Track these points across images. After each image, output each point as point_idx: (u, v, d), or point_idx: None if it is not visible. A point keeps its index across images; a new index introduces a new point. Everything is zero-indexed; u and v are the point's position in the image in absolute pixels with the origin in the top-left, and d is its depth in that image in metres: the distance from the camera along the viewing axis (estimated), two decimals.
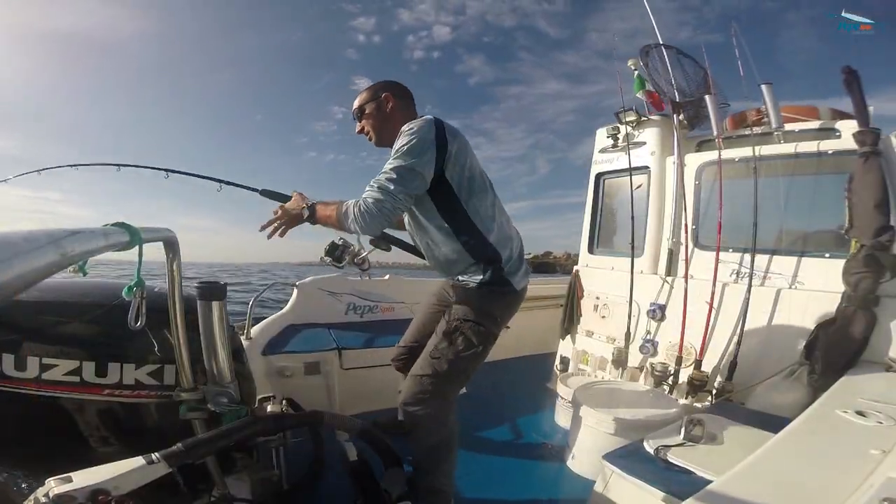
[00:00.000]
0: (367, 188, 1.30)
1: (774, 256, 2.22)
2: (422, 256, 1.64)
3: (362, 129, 1.52)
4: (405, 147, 1.27)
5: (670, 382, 2.22)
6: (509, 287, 1.45)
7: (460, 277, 1.48)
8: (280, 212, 1.46)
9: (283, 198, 1.63)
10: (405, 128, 1.32)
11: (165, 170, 1.85)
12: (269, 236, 1.46)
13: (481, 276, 1.42)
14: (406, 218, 1.52)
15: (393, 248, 1.80)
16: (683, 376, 2.20)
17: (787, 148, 2.21)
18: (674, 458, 1.29)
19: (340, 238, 1.57)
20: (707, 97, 2.43)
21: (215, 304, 1.11)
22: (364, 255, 1.60)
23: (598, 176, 3.05)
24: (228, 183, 1.77)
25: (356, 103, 1.50)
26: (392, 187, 1.25)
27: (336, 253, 1.57)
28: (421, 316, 1.80)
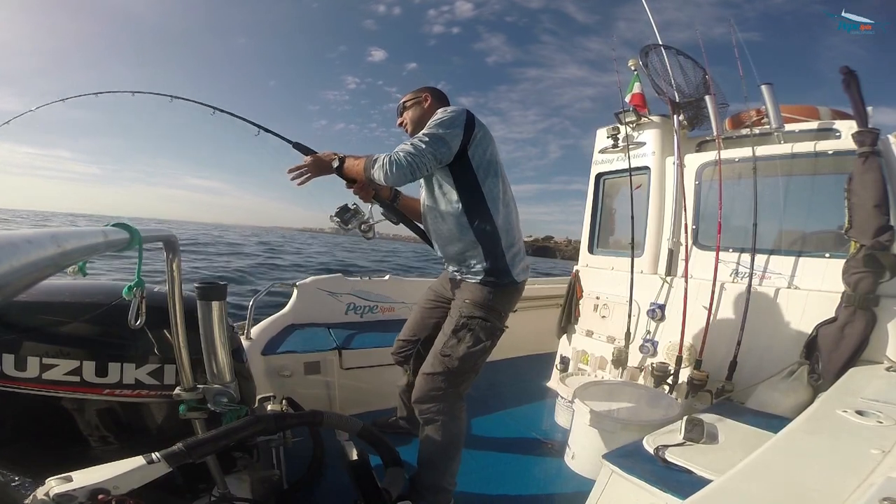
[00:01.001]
0: (400, 146, 1.41)
1: (774, 256, 2.22)
2: (426, 240, 1.70)
3: (402, 121, 1.69)
4: (438, 120, 1.43)
5: (670, 382, 2.22)
6: (510, 279, 1.50)
7: (463, 269, 1.52)
8: (310, 160, 1.54)
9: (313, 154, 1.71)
10: (440, 109, 1.50)
11: (213, 107, 1.93)
12: (292, 179, 1.55)
13: (483, 265, 1.47)
14: (422, 193, 1.60)
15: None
16: (683, 376, 2.20)
17: (787, 148, 2.21)
18: (674, 457, 1.29)
19: (353, 203, 1.64)
20: (707, 97, 2.43)
21: (215, 304, 1.11)
22: (372, 223, 1.66)
23: (599, 176, 3.05)
24: (267, 130, 1.83)
25: (401, 101, 1.70)
26: (423, 147, 1.37)
27: (346, 216, 1.63)
28: (418, 310, 1.84)
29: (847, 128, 2.04)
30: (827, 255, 2.08)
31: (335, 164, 1.52)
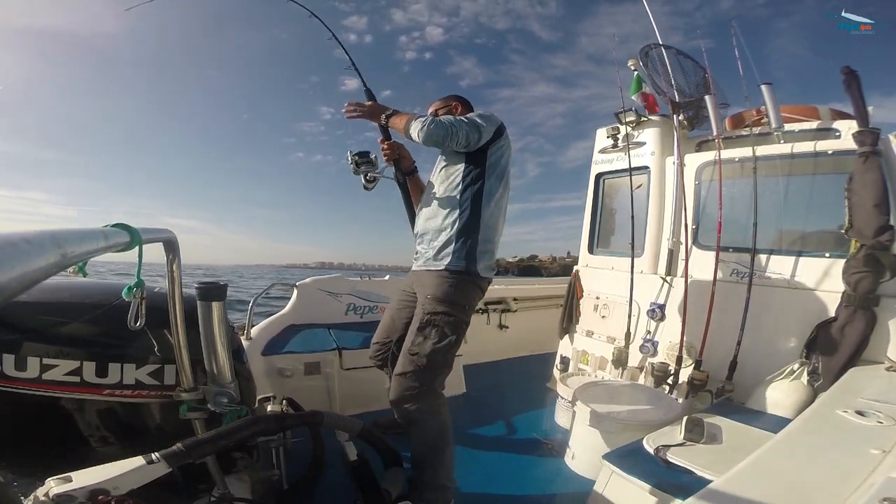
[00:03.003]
0: (442, 117, 1.60)
1: (774, 256, 2.22)
2: (410, 219, 1.82)
3: None
4: (479, 113, 1.61)
5: (670, 382, 2.22)
6: (473, 268, 1.55)
7: (431, 250, 1.58)
8: (369, 105, 1.71)
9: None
10: (478, 111, 1.68)
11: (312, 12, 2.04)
12: (345, 110, 1.69)
13: (453, 245, 1.53)
14: (437, 165, 1.71)
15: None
16: (683, 376, 2.20)
17: (787, 148, 2.21)
18: (674, 458, 1.29)
19: (374, 155, 1.79)
20: (707, 97, 2.43)
21: (215, 305, 1.11)
22: (378, 177, 1.79)
23: (599, 176, 3.05)
24: (356, 69, 1.93)
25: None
26: (461, 124, 1.53)
27: (362, 160, 1.75)
28: (390, 311, 1.85)
29: (847, 128, 2.04)
30: (827, 254, 2.08)
31: (386, 114, 1.65)
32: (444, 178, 1.63)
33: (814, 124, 2.24)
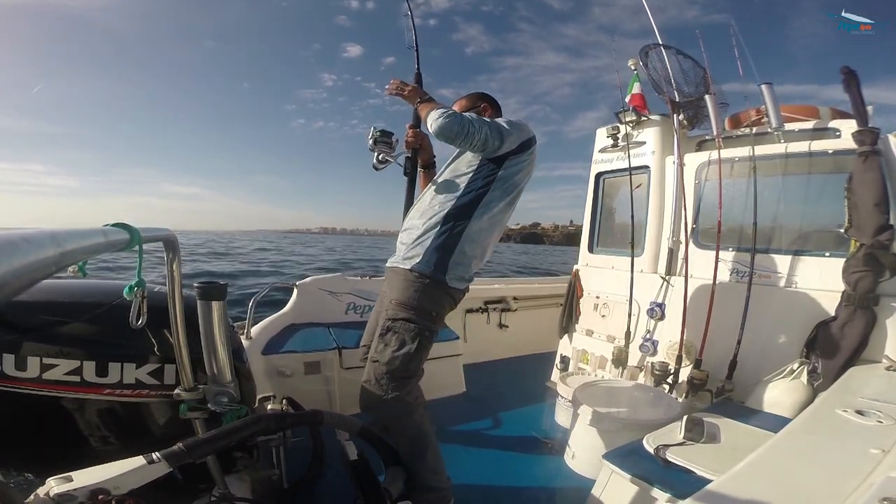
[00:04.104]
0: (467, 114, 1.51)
1: (774, 255, 2.23)
2: (405, 212, 1.74)
3: None
4: (509, 120, 1.51)
5: (670, 382, 2.22)
6: (440, 276, 1.45)
7: (407, 246, 1.50)
8: (412, 87, 1.64)
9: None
10: (515, 117, 1.57)
11: None
12: (388, 86, 1.64)
13: (426, 246, 1.45)
14: (447, 161, 1.65)
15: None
16: (683, 375, 2.20)
17: (787, 147, 2.21)
18: (674, 457, 1.29)
19: (397, 138, 1.78)
20: (707, 97, 2.43)
21: (215, 304, 1.11)
22: (390, 161, 1.77)
23: (598, 176, 3.05)
24: (416, 50, 1.90)
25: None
26: (483, 125, 1.43)
27: (382, 139, 1.75)
28: (375, 313, 1.80)
29: (847, 127, 2.04)
30: (827, 254, 2.08)
31: (421, 99, 1.59)
32: (448, 176, 1.55)
33: (813, 124, 2.24)
